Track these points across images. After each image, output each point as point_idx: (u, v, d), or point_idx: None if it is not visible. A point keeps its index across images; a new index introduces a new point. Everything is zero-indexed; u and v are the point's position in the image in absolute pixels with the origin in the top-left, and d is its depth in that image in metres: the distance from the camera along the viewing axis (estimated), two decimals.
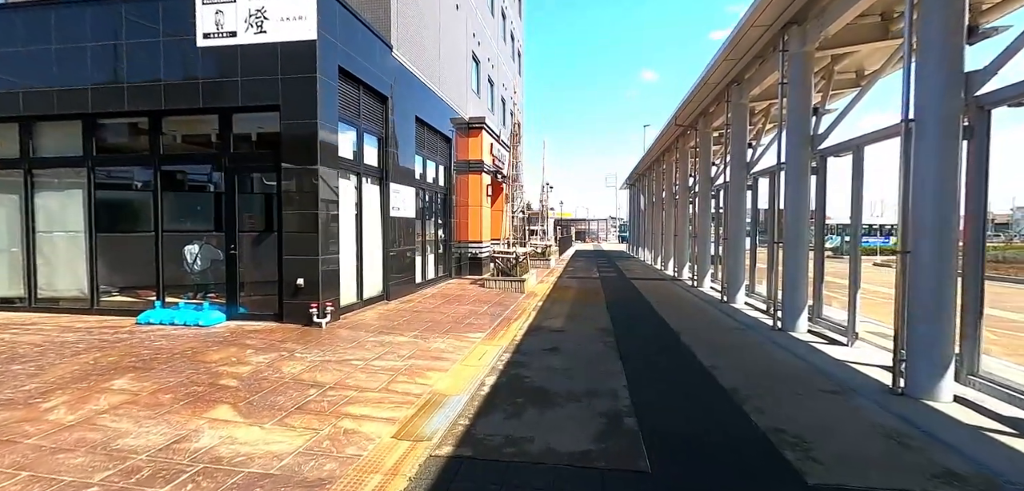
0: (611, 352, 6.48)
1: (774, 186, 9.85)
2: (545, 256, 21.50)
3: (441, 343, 6.90)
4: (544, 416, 4.29)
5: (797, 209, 7.77)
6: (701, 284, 13.91)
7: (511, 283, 12.78)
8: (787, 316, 7.85)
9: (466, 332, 7.66)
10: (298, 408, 4.42)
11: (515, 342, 7.09)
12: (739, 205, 10.90)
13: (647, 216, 25.86)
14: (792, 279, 7.83)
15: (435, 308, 9.69)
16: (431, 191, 13.17)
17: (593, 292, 12.83)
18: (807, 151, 7.70)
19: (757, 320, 8.89)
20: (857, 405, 4.58)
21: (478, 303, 10.50)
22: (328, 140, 7.61)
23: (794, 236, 7.80)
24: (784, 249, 7.94)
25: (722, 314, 9.57)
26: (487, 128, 16.00)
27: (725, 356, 6.33)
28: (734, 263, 10.92)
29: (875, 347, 6.72)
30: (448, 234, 14.31)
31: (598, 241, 66.19)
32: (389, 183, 9.86)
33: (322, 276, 7.48)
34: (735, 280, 10.89)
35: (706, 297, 11.98)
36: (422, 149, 12.16)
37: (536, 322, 8.65)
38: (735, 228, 10.95)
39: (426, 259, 12.52)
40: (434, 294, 11.56)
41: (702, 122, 13.69)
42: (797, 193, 7.77)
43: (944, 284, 4.64)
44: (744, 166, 10.78)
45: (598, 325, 8.31)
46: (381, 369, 5.61)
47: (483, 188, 16.10)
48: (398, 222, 10.35)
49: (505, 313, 9.45)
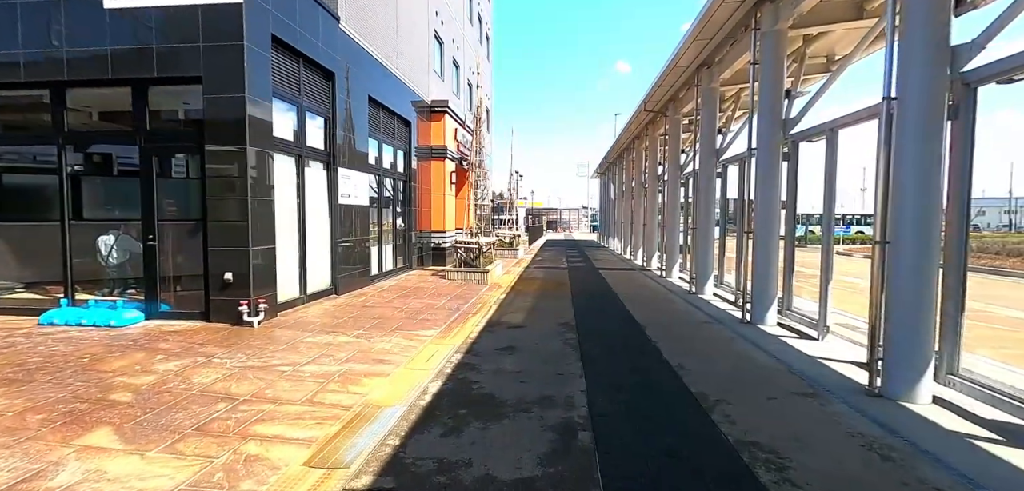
0: (572, 351, 5.97)
1: (744, 173, 9.52)
2: (513, 246, 20.95)
3: (387, 343, 6.25)
4: (488, 432, 3.72)
5: (768, 197, 7.41)
6: (669, 274, 13.62)
7: (474, 275, 12.17)
8: (756, 309, 7.51)
9: (417, 330, 7.03)
10: (197, 429, 3.72)
11: (469, 340, 6.50)
12: (708, 193, 10.56)
13: (617, 205, 25.62)
14: (762, 271, 7.48)
15: (388, 302, 9.00)
16: (389, 177, 12.39)
17: (559, 283, 12.35)
18: (779, 136, 7.33)
19: (725, 312, 8.55)
20: (834, 410, 4.18)
21: (436, 297, 9.86)
22: (259, 117, 6.80)
23: (765, 225, 7.45)
24: (754, 239, 7.58)
25: (690, 306, 9.21)
26: (451, 112, 15.25)
27: (693, 354, 5.90)
28: (703, 253, 10.59)
29: (846, 341, 6.42)
30: (409, 223, 13.56)
31: (569, 231, 66.11)
32: (337, 167, 9.07)
33: (254, 270, 6.70)
34: (704, 271, 10.58)
35: (674, 288, 11.66)
36: (377, 132, 11.37)
37: (495, 317, 8.08)
38: (704, 217, 10.61)
39: (383, 250, 11.77)
40: (391, 287, 10.84)
41: (672, 108, 13.31)
42: (768, 180, 7.41)
43: (926, 277, 4.27)
44: (714, 153, 10.42)
45: (561, 320, 7.80)
46: (310, 376, 4.93)
47: (447, 175, 15.38)
48: (349, 210, 9.58)
49: (464, 307, 8.85)
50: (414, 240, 14.22)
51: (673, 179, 13.50)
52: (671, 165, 13.54)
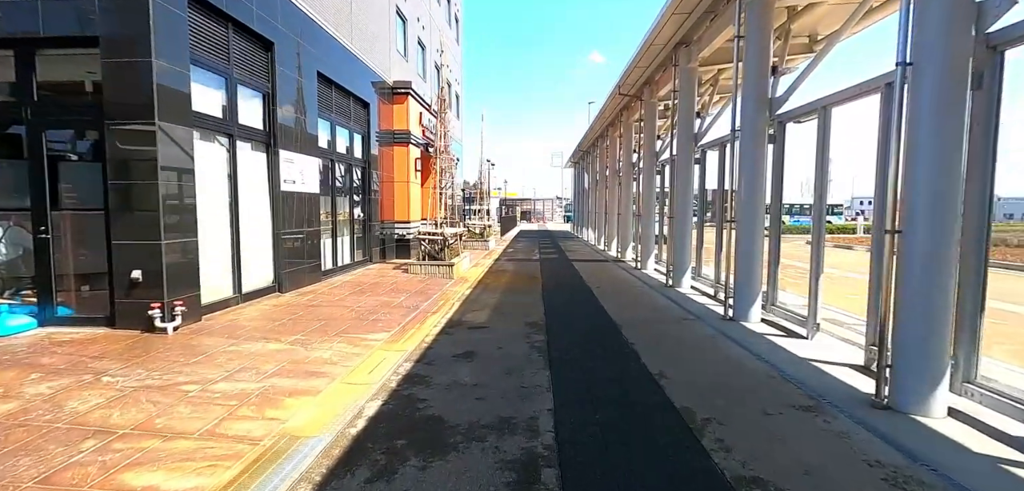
0: (539, 357, 5.24)
1: (724, 159, 8.95)
2: (484, 237, 20.14)
3: (326, 350, 5.39)
4: (428, 473, 2.94)
5: (752, 183, 6.82)
6: (644, 266, 13.07)
7: (438, 268, 11.33)
8: (739, 304, 6.95)
9: (367, 333, 6.19)
10: (41, 481, 2.83)
11: (424, 345, 5.70)
12: (686, 181, 9.97)
13: (590, 195, 25.07)
14: (745, 263, 6.90)
15: (339, 301, 8.10)
16: (345, 163, 11.38)
17: (530, 277, 11.64)
18: (764, 117, 6.73)
19: (706, 307, 7.98)
20: (841, 429, 3.57)
21: (395, 292, 9.00)
22: (173, 88, 5.78)
23: (748, 214, 6.86)
24: (737, 229, 6.99)
25: (668, 301, 8.61)
26: (415, 94, 14.27)
27: (675, 358, 5.25)
28: (680, 244, 10.02)
29: (838, 340, 5.89)
30: (369, 213, 12.59)
31: (543, 221, 65.65)
32: (279, 150, 8.06)
33: (168, 267, 5.72)
34: (681, 263, 10.02)
35: (650, 281, 11.09)
36: (330, 113, 10.35)
37: (458, 316, 7.29)
38: (682, 206, 10.03)
39: (338, 242, 10.80)
40: (345, 283, 9.91)
41: (647, 91, 12.70)
42: (752, 165, 6.81)
43: (942, 272, 3.69)
44: (692, 137, 9.83)
45: (529, 318, 7.07)
46: (220, 397, 4.05)
47: (411, 162, 14.43)
48: (295, 198, 8.59)
49: (424, 305, 8.02)
50: (376, 232, 13.25)
51: (649, 167, 12.91)
52: (646, 152, 12.94)
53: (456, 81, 25.97)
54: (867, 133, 69.51)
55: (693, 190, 10.05)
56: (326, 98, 10.12)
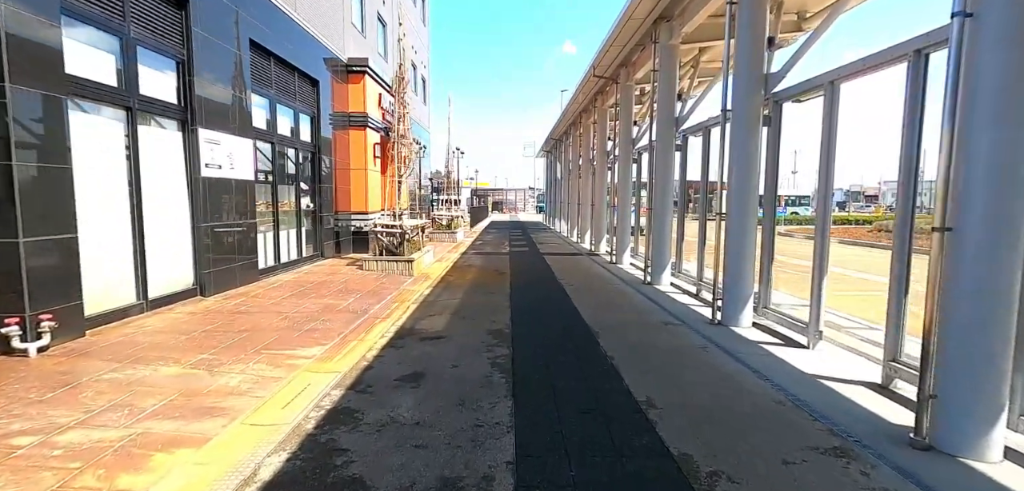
0: (501, 379, 4.31)
1: (709, 145, 8.19)
2: (451, 229, 19.08)
3: (238, 375, 4.32)
4: None
5: (745, 170, 6.04)
6: (620, 261, 12.31)
7: (397, 264, 10.26)
8: (729, 307, 6.18)
9: (296, 347, 5.13)
10: None
11: (363, 363, 4.69)
12: (666, 169, 9.19)
13: (563, 185, 24.27)
14: (736, 261, 6.14)
15: (274, 305, 6.97)
16: (289, 147, 10.14)
17: (498, 273, 10.70)
18: (758, 96, 5.95)
19: (690, 309, 7.21)
20: (886, 485, 2.77)
21: (343, 293, 7.91)
22: (33, 41, 4.54)
23: (740, 205, 6.09)
24: (727, 222, 6.22)
25: (648, 302, 7.82)
26: (372, 73, 13.04)
27: (663, 378, 4.40)
28: (659, 238, 9.25)
29: (842, 349, 5.18)
30: (320, 203, 11.36)
31: (515, 212, 64.79)
32: (198, 128, 6.83)
33: (30, 272, 4.51)
34: (661, 258, 9.25)
35: (627, 277, 10.31)
36: (267, 88, 9.09)
37: (411, 322, 6.29)
38: (661, 197, 9.25)
39: (280, 236, 9.58)
40: (287, 282, 8.74)
41: (624, 73, 11.87)
42: (745, 149, 6.03)
43: (1007, 280, 2.92)
44: (672, 122, 9.04)
45: (493, 325, 6.13)
46: (60, 456, 2.96)
47: (369, 148, 13.22)
48: (221, 185, 7.37)
49: (374, 308, 6.99)
50: (330, 224, 12.04)
51: (625, 155, 12.11)
52: (622, 139, 12.14)
53: (422, 65, 24.67)
54: (858, 115, 70.59)
55: (674, 179, 9.28)
56: (263, 72, 8.86)
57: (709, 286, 7.87)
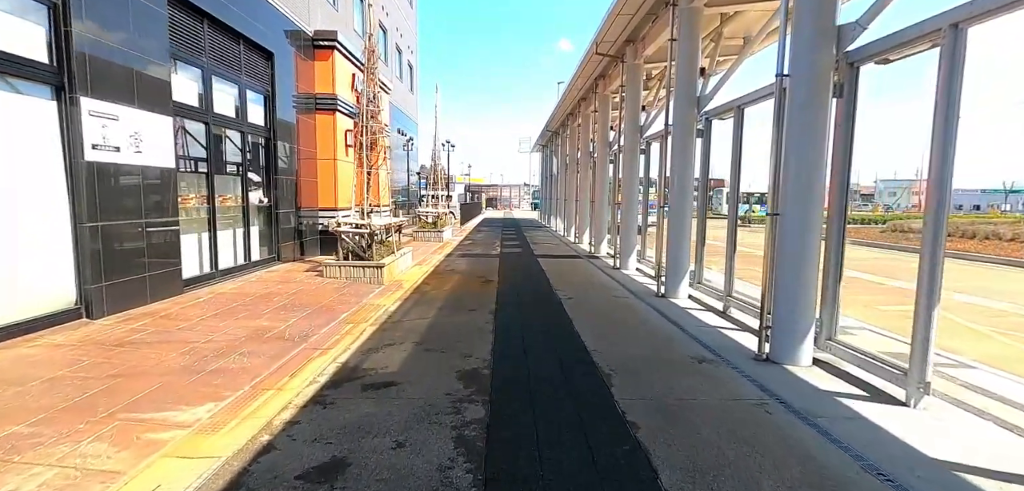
0: (465, 476, 2.74)
1: (742, 127, 6.63)
2: (437, 227, 17.47)
3: (38, 471, 2.73)
4: None
5: (808, 157, 4.49)
6: (625, 265, 10.76)
7: (364, 270, 8.67)
8: (783, 339, 4.64)
9: (176, 406, 3.55)
10: None
11: (263, 440, 3.12)
12: (685, 159, 7.63)
13: (559, 181, 22.70)
14: (794, 276, 4.59)
15: (182, 332, 5.36)
16: (232, 130, 8.50)
17: (485, 280, 9.12)
18: (827, 55, 4.40)
19: (723, 336, 5.67)
20: None
21: (286, 311, 6.31)
22: None
23: (801, 203, 4.55)
24: (781, 225, 4.67)
25: (668, 323, 6.26)
26: (342, 48, 11.40)
27: (721, 471, 2.84)
28: (677, 243, 7.70)
29: (949, 404, 3.65)
30: (276, 198, 9.72)
31: (510, 208, 63.29)
32: (80, 97, 5.18)
33: None
34: (678, 266, 7.70)
35: (635, 287, 8.75)
36: (198, 56, 7.42)
37: (358, 357, 4.71)
38: (679, 192, 7.69)
39: (219, 237, 7.93)
40: (221, 295, 7.12)
41: (631, 51, 10.29)
42: (808, 130, 4.47)
43: None
44: (694, 102, 7.48)
45: (468, 361, 4.56)
46: None
47: (340, 135, 11.60)
48: (119, 173, 5.73)
49: (318, 334, 5.40)
50: (291, 222, 10.41)
51: (631, 145, 10.55)
52: (628, 127, 10.56)
53: (409, 50, 23.00)
54: None
55: (694, 172, 7.72)
56: (192, 35, 7.20)
57: (745, 304, 6.33)
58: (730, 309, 6.71)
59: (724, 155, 7.21)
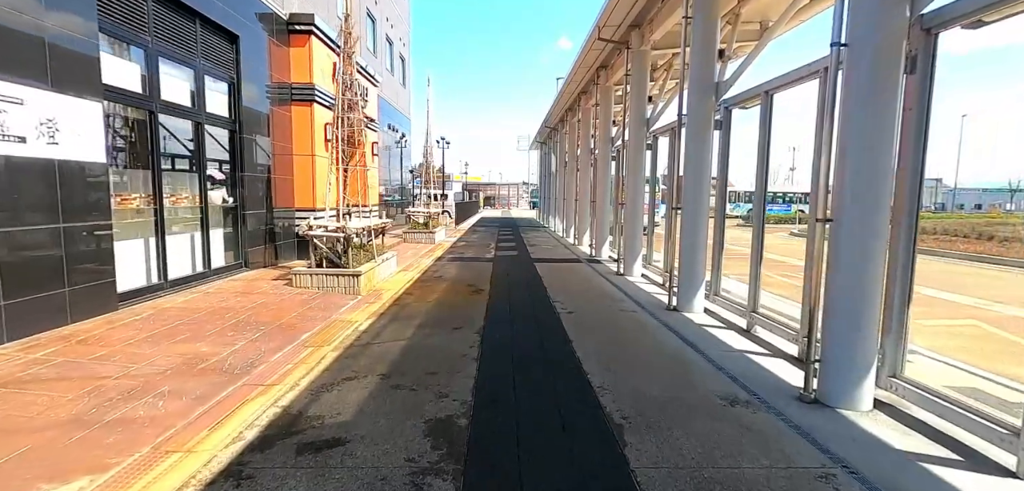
0: None
1: (769, 117, 5.71)
2: (429, 228, 16.51)
3: None
4: None
5: (872, 150, 3.55)
6: (630, 272, 9.83)
7: (339, 278, 7.72)
8: (836, 374, 3.71)
9: (37, 484, 2.60)
10: None
11: None
12: (701, 154, 6.69)
13: (558, 179, 21.76)
14: (850, 299, 3.66)
15: (95, 363, 4.40)
16: (186, 120, 7.52)
17: (474, 290, 8.18)
18: (900, 22, 3.45)
19: (752, 364, 4.73)
20: None
21: (235, 332, 5.36)
22: None
23: (863, 206, 3.61)
24: (836, 232, 3.73)
25: (686, 346, 5.32)
26: (321, 33, 10.44)
27: None
28: (691, 249, 6.77)
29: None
30: (242, 198, 8.76)
31: (508, 207, 62.35)
32: None
33: None
34: (693, 276, 6.78)
35: (643, 298, 7.82)
36: (139, 33, 6.43)
37: (304, 398, 3.77)
38: (694, 191, 6.76)
39: (168, 243, 6.95)
40: (166, 311, 6.16)
41: (636, 36, 9.35)
42: (872, 117, 3.53)
43: None
44: (711, 90, 6.55)
45: (442, 407, 3.62)
46: None
47: (318, 128, 10.65)
48: (20, 168, 4.75)
49: (266, 363, 4.46)
50: (263, 224, 9.45)
51: (636, 139, 9.60)
52: (633, 119, 9.62)
53: (401, 42, 22.02)
54: None
55: (710, 168, 6.79)
56: (130, 8, 6.22)
57: (775, 324, 5.39)
58: (755, 328, 5.79)
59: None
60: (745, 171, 53.89)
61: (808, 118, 5.60)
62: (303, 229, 7.86)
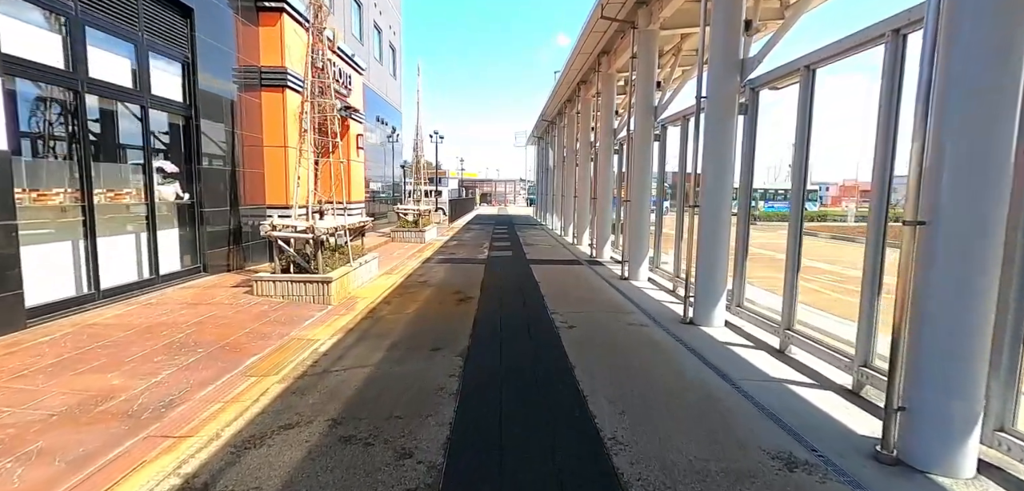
0: None
1: (810, 97, 4.79)
2: (419, 227, 15.53)
3: None
4: None
5: (981, 126, 2.61)
6: (635, 276, 8.90)
7: (306, 286, 6.76)
8: (928, 429, 2.79)
9: None
10: None
11: None
12: (721, 144, 5.75)
13: (556, 175, 20.81)
14: (957, 326, 2.72)
15: None
16: (128, 103, 6.51)
17: (462, 298, 7.23)
18: None
19: (795, 396, 3.81)
20: None
21: (170, 354, 4.40)
22: None
23: (962, 203, 2.67)
24: (928, 239, 2.79)
25: (717, 377, 4.39)
26: (292, 11, 9.43)
27: None
28: (712, 256, 5.84)
29: None
30: (201, 194, 7.76)
31: (505, 204, 61.39)
32: None
33: None
34: (711, 284, 5.85)
35: (653, 309, 6.88)
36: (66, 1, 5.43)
37: (217, 463, 2.82)
38: (714, 188, 5.83)
39: (99, 245, 5.91)
40: (90, 326, 5.17)
41: (643, 16, 8.39)
42: (989, 90, 2.59)
43: None
44: (736, 68, 5.61)
45: (401, 472, 2.68)
46: None
47: (293, 117, 9.64)
48: None
49: (191, 401, 3.52)
50: (228, 223, 8.46)
51: (643, 130, 8.66)
52: (640, 108, 8.67)
53: (391, 29, 20.99)
54: None
55: (734, 160, 5.85)
56: None
57: (817, 346, 4.46)
58: (790, 348, 4.86)
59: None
60: (758, 164, 52.67)
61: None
62: (266, 229, 6.88)
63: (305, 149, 7.32)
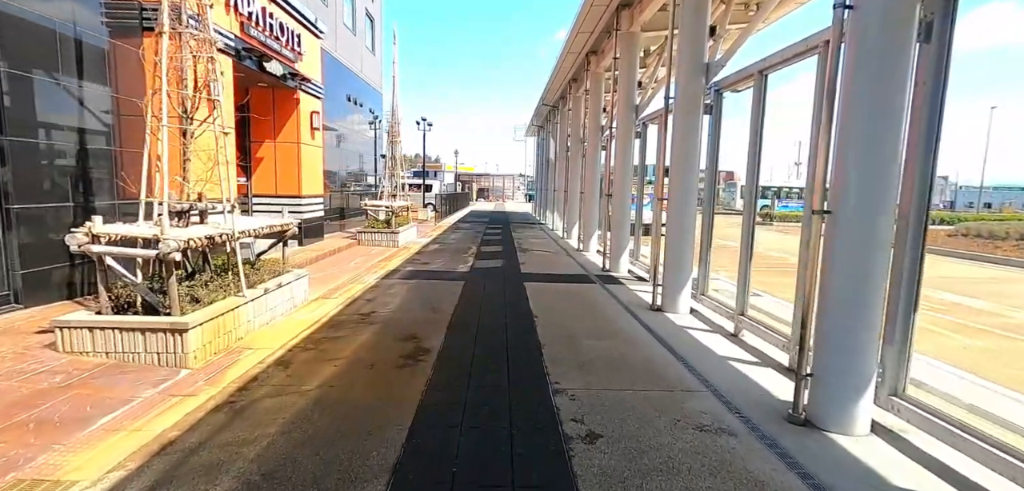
0: None
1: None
2: (391, 227, 12.80)
3: None
4: None
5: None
6: (673, 306, 6.19)
7: (144, 336, 4.05)
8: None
9: None
10: None
11: None
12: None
13: (559, 169, 18.07)
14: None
15: None
16: None
17: (411, 353, 4.54)
18: None
19: None
20: None
21: None
22: None
23: None
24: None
25: None
26: None
27: None
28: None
29: None
30: (9, 187, 5.07)
31: (502, 200, 58.61)
32: None
33: None
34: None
35: (720, 377, 4.14)
36: None
37: None
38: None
39: None
40: None
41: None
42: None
43: None
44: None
45: None
46: None
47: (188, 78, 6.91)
48: None
49: None
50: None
51: (687, 102, 5.90)
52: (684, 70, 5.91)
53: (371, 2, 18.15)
54: None
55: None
56: None
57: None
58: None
59: None
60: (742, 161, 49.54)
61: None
62: (79, 241, 4.19)
63: (161, 111, 4.63)
